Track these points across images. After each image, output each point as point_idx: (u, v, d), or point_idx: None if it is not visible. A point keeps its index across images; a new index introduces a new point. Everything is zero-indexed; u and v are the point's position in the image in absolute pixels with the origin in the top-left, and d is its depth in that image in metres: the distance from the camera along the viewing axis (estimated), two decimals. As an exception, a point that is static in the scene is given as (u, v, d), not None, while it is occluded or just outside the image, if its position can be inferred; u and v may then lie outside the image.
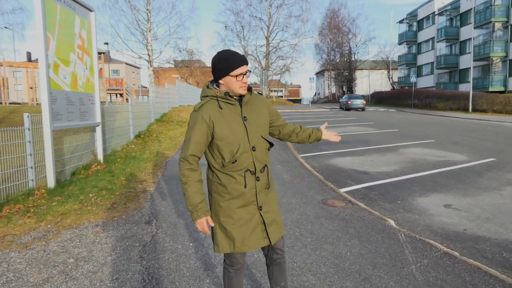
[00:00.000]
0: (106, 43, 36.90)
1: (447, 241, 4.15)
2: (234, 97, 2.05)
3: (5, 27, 33.34)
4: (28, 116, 5.59)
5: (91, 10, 7.35)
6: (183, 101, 22.45)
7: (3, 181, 5.16)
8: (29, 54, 51.21)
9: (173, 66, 42.33)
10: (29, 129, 5.58)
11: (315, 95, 76.30)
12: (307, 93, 43.54)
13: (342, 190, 6.07)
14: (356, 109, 30.38)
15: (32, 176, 5.66)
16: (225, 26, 45.96)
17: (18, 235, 4.02)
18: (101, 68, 25.15)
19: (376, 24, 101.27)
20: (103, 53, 25.61)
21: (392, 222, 4.57)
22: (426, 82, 44.54)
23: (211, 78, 2.13)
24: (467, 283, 3.11)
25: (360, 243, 3.88)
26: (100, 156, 7.75)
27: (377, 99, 46.90)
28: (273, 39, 46.20)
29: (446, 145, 11.10)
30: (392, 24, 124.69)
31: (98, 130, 7.67)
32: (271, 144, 2.21)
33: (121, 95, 26.27)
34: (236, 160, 2.01)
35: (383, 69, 57.29)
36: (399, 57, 50.63)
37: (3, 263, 3.37)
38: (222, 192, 2.07)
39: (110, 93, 26.99)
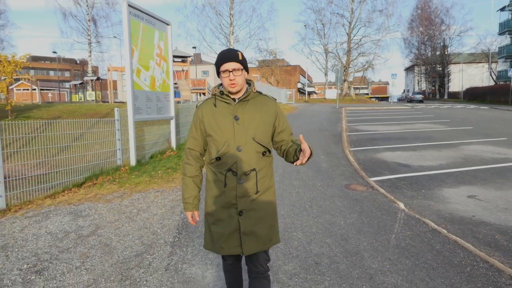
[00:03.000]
0: (194, 47, 40.68)
1: (446, 222, 4.51)
2: (232, 97, 2.05)
3: (114, 37, 39.11)
4: (117, 110, 7.32)
5: (168, 24, 8.96)
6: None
7: (102, 159, 6.95)
8: (132, 59, 58.29)
9: (255, 66, 44.62)
10: (118, 120, 7.30)
11: (403, 92, 72.29)
12: (396, 90, 42.73)
13: (372, 179, 6.59)
14: (416, 101, 43.73)
15: (120, 156, 7.39)
16: (305, 25, 46.52)
17: (104, 195, 5.61)
18: (187, 70, 28.02)
19: (474, 13, 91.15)
20: (188, 56, 28.45)
21: (401, 205, 5.05)
22: (533, 76, 39.28)
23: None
24: (434, 249, 3.63)
25: (358, 216, 4.56)
26: (173, 144, 9.38)
27: (472, 95, 42.95)
28: (354, 36, 45.35)
29: (518, 143, 10.47)
30: (492, 12, 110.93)
31: (172, 122, 9.29)
32: (267, 149, 2.10)
33: (203, 94, 28.92)
34: (220, 158, 2.02)
35: (483, 62, 51.90)
36: (500, 48, 45.46)
37: (92, 209, 4.92)
38: (208, 188, 2.11)
39: (196, 92, 29.86)
